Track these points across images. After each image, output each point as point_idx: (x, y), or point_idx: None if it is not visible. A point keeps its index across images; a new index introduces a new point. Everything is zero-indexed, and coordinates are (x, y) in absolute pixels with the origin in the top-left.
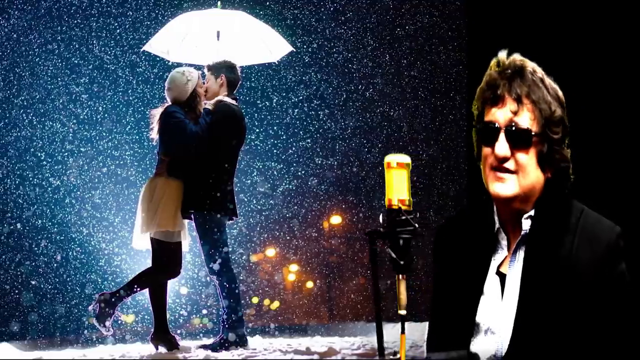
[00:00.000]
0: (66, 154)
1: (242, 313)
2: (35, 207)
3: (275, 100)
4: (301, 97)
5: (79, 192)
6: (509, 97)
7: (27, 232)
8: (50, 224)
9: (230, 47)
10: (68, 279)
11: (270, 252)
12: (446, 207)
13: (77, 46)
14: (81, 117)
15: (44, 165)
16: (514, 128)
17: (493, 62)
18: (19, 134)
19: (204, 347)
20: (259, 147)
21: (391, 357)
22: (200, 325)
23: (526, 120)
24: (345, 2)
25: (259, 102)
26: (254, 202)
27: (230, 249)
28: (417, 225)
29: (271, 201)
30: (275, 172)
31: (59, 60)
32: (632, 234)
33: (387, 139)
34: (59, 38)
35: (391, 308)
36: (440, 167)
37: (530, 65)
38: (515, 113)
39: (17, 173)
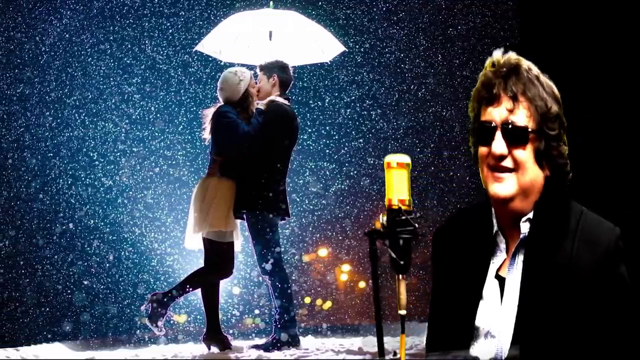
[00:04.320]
0: (118, 153)
1: (294, 313)
2: (88, 207)
3: (327, 100)
4: (353, 97)
5: (131, 192)
6: (505, 96)
7: (79, 232)
8: (102, 224)
9: (282, 47)
10: (120, 279)
11: (323, 252)
12: None
13: (129, 46)
14: (133, 117)
15: (96, 165)
16: (510, 126)
17: (488, 62)
18: (71, 134)
19: (256, 347)
20: (311, 147)
21: (391, 357)
22: (253, 325)
23: (522, 117)
24: (397, 2)
25: (311, 102)
26: (306, 202)
27: (282, 249)
28: (417, 225)
29: (323, 201)
30: (327, 172)
31: (111, 60)
32: (632, 236)
33: (439, 139)
34: (111, 38)
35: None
36: None
37: (526, 63)
38: (511, 111)
39: (70, 173)
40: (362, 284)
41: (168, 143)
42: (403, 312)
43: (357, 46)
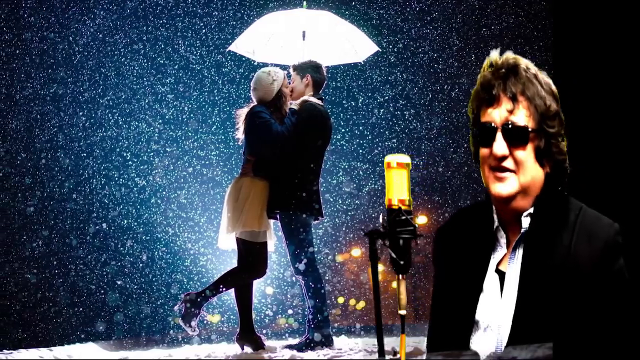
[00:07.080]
0: (152, 154)
1: (327, 313)
2: (121, 207)
3: (361, 100)
4: (387, 97)
5: (164, 192)
6: (505, 96)
7: (112, 232)
8: (136, 224)
9: (315, 47)
10: (154, 279)
11: (356, 252)
12: None
13: (162, 46)
14: (167, 117)
15: (130, 165)
16: (510, 126)
17: (486, 62)
18: (104, 134)
19: (290, 347)
20: (344, 147)
21: (391, 356)
22: (286, 325)
23: (522, 117)
24: (431, 2)
25: (344, 102)
26: (340, 202)
27: (315, 249)
28: (416, 225)
29: (357, 201)
30: (360, 172)
31: (145, 61)
32: (630, 231)
33: None
34: (145, 38)
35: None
36: None
37: (524, 62)
38: (511, 112)
39: (103, 173)
40: (395, 284)
41: (201, 143)
42: (403, 312)
43: (391, 46)
